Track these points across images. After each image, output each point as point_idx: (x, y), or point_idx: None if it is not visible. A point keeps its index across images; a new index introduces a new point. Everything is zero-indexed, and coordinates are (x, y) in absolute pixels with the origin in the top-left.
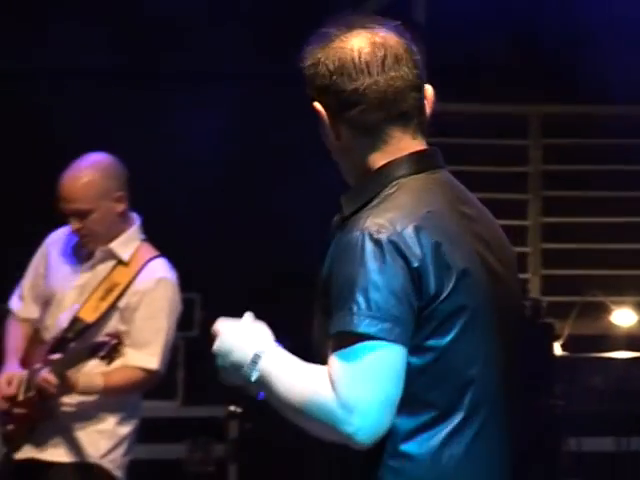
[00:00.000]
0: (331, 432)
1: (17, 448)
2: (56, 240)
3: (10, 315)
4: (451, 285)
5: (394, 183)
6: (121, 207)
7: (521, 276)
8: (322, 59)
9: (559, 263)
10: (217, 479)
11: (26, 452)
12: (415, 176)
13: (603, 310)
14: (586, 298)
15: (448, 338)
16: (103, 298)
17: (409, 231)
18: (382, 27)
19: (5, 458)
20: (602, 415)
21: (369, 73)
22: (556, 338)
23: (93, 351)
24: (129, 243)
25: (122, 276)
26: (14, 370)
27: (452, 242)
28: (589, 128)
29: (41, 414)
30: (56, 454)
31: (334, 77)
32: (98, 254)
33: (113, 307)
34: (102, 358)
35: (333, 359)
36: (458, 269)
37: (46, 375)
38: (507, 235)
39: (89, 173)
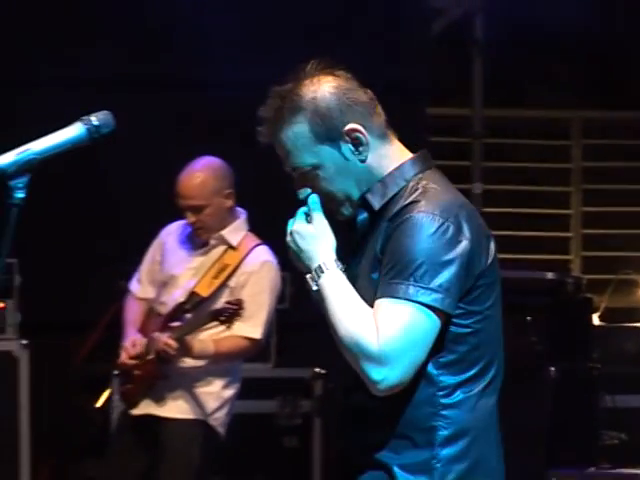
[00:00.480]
0: (358, 368)
1: (135, 405)
2: (170, 232)
3: (129, 295)
4: (490, 259)
5: (415, 178)
6: (230, 203)
7: (564, 257)
8: (315, 91)
9: (597, 246)
10: (304, 431)
11: (143, 408)
12: (427, 172)
13: (635, 286)
14: (620, 276)
15: (487, 304)
16: (216, 277)
17: (462, 215)
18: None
19: (123, 413)
20: (634, 376)
21: (358, 91)
22: (594, 311)
23: (215, 315)
24: (238, 232)
25: (232, 259)
26: (136, 335)
27: (482, 224)
28: (622, 130)
29: (158, 375)
30: (170, 411)
31: (334, 100)
32: (212, 241)
33: (224, 285)
34: (222, 322)
35: (385, 311)
36: (490, 246)
37: (167, 340)
38: (552, 223)
39: (203, 174)
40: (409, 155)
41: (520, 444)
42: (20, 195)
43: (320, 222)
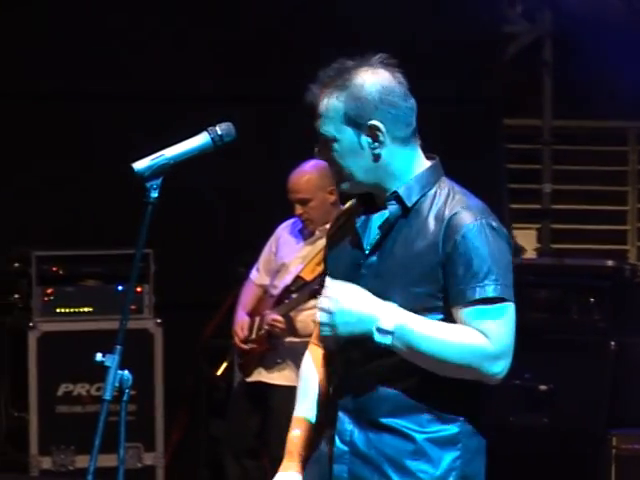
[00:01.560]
0: (473, 372)
1: (249, 374)
2: (285, 227)
3: (248, 281)
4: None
5: (440, 181)
6: (333, 198)
7: (622, 247)
8: (361, 83)
9: None
10: None
11: (255, 376)
12: (444, 178)
13: None
14: None
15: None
16: (319, 263)
17: (497, 219)
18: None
19: (240, 381)
20: None
21: (403, 99)
22: None
23: (313, 294)
24: None
25: None
26: (243, 318)
27: None
28: None
29: (268, 348)
30: (277, 378)
31: (379, 97)
32: (317, 233)
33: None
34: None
35: (481, 319)
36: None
37: (275, 316)
38: (611, 218)
39: (309, 172)
40: (427, 163)
41: (584, 408)
42: (154, 195)
43: (342, 292)
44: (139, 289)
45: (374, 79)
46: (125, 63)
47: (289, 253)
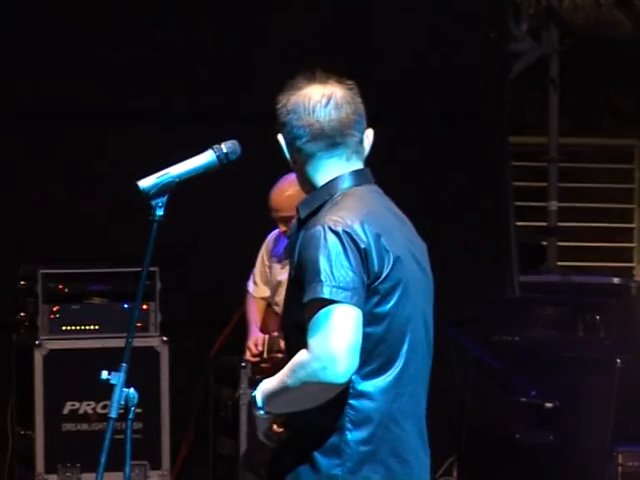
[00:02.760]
0: (321, 390)
1: None
2: (274, 237)
3: (248, 295)
4: (390, 266)
5: (339, 193)
6: None
7: (628, 265)
8: (285, 102)
9: None
10: None
11: None
12: (355, 187)
13: None
14: None
15: (389, 305)
16: None
17: (357, 224)
18: (335, 83)
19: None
20: None
21: (313, 114)
22: None
23: None
24: None
25: None
26: (257, 335)
27: (388, 234)
28: None
29: (281, 365)
30: None
31: (289, 115)
32: None
33: None
34: None
35: (310, 323)
36: (394, 254)
37: None
38: (616, 235)
39: (288, 188)
40: (341, 173)
41: (590, 425)
42: (160, 212)
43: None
44: (145, 307)
45: (288, 99)
46: (126, 82)
47: (281, 271)
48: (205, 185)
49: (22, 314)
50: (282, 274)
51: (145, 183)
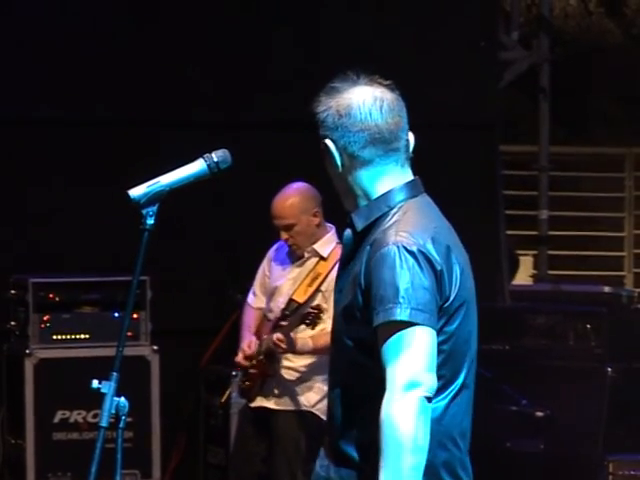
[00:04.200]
0: (423, 418)
1: (252, 399)
2: (276, 249)
3: (246, 305)
4: (458, 284)
5: (399, 205)
6: (317, 220)
7: (619, 274)
8: (332, 105)
9: None
10: None
11: (258, 402)
12: (412, 199)
13: None
14: None
15: (455, 325)
16: (310, 284)
17: (429, 243)
18: (380, 84)
19: (244, 407)
20: None
21: (370, 117)
22: None
23: (302, 319)
24: (328, 244)
25: (323, 268)
26: (251, 338)
27: (453, 248)
28: None
29: (268, 373)
30: (279, 403)
31: (342, 119)
32: (306, 254)
33: (317, 290)
34: (307, 324)
35: (387, 344)
36: (460, 270)
37: (278, 335)
38: (607, 244)
39: (292, 196)
40: (399, 184)
41: (581, 433)
42: (151, 221)
43: None
44: (136, 316)
45: (336, 102)
46: (122, 89)
47: (280, 277)
48: (196, 194)
49: (13, 323)
50: (280, 279)
51: (135, 192)
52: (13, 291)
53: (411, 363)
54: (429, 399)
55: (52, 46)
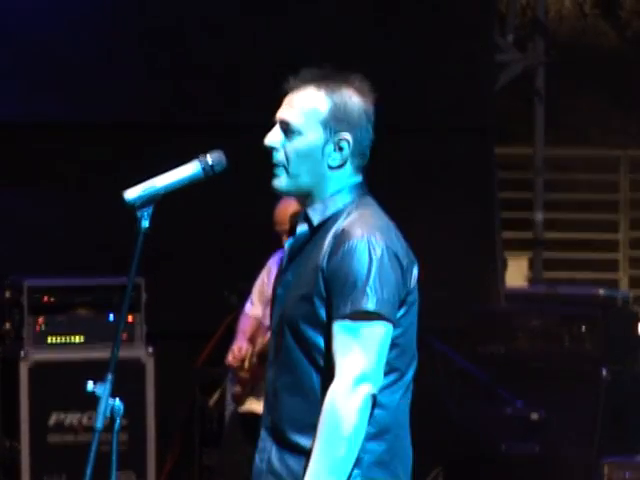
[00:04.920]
0: (365, 414)
1: (242, 403)
2: (274, 258)
3: (243, 313)
4: (414, 281)
5: (353, 203)
6: None
7: (614, 276)
8: (357, 101)
9: None
10: None
11: (248, 406)
12: (363, 198)
13: None
14: None
15: (409, 319)
16: None
17: (395, 238)
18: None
19: (234, 411)
20: None
21: (370, 125)
22: (639, 321)
23: None
24: None
25: None
26: (243, 343)
27: (407, 246)
28: None
29: (259, 377)
30: None
31: (361, 119)
32: None
33: None
34: None
35: (345, 335)
36: (413, 266)
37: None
38: (602, 246)
39: (294, 202)
40: (349, 183)
41: (576, 436)
42: (146, 224)
43: None
44: (130, 318)
45: (359, 100)
46: (115, 92)
47: None
48: (192, 196)
49: (7, 325)
50: None
51: (130, 194)
52: (8, 293)
53: (365, 358)
54: (374, 396)
55: (39, 48)
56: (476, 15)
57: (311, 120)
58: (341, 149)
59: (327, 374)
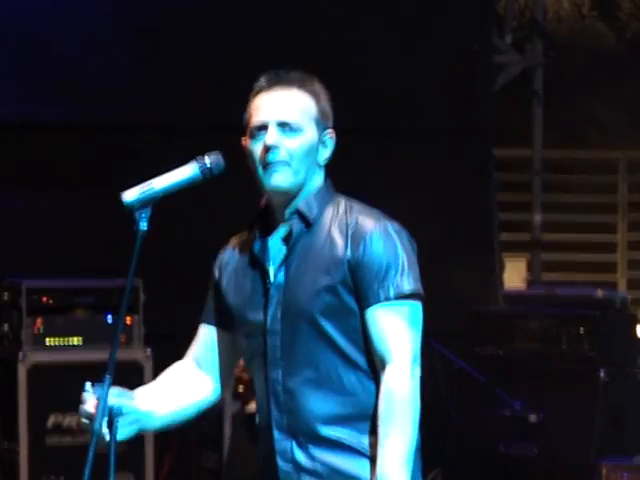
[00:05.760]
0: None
1: (247, 403)
2: None
3: None
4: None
5: (334, 197)
6: None
7: (612, 278)
8: (315, 97)
9: None
10: None
11: (253, 405)
12: (338, 194)
13: None
14: None
15: None
16: None
17: (395, 223)
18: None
19: (239, 411)
20: None
21: (332, 118)
22: (637, 322)
23: None
24: None
25: None
26: None
27: None
28: None
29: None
30: None
31: (323, 112)
32: None
33: None
34: None
35: (391, 315)
36: None
37: None
38: (600, 248)
39: None
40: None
41: (574, 437)
42: (144, 225)
43: None
44: (129, 320)
45: (328, 97)
46: (116, 93)
47: None
48: (191, 197)
49: (5, 327)
50: None
51: (128, 196)
52: (6, 295)
53: (415, 338)
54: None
55: (38, 48)
56: (474, 16)
57: (306, 118)
58: (326, 146)
59: (352, 364)
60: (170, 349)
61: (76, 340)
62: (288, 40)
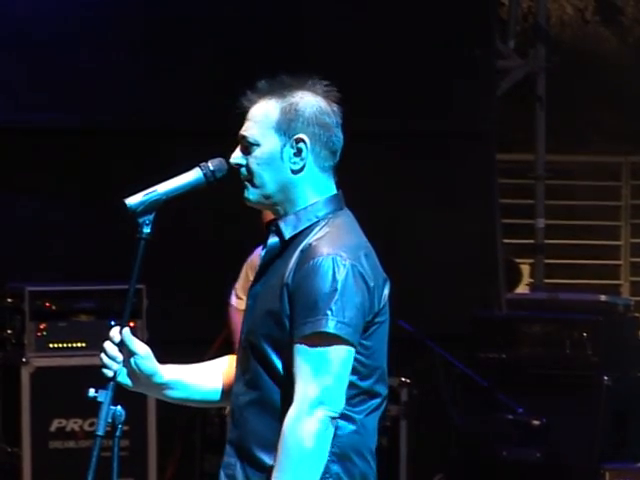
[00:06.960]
0: (325, 438)
1: None
2: (258, 255)
3: (231, 308)
4: (385, 300)
5: (327, 217)
6: None
7: (615, 282)
8: (315, 102)
9: None
10: (391, 432)
11: None
12: (339, 212)
13: None
14: None
15: (378, 339)
16: None
17: (363, 258)
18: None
19: None
20: None
21: (338, 128)
22: None
23: None
24: None
25: None
26: None
27: (378, 265)
28: None
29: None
30: None
31: (324, 117)
32: None
33: None
34: None
35: (303, 359)
36: (384, 285)
37: None
38: (604, 252)
39: None
40: (326, 195)
41: (577, 442)
42: (147, 230)
43: None
44: (132, 324)
45: (313, 99)
46: (118, 98)
47: None
48: (194, 203)
49: (9, 331)
50: None
51: (132, 201)
52: (9, 299)
53: (321, 382)
54: (334, 419)
55: (46, 52)
56: (477, 21)
57: (263, 128)
58: (300, 150)
59: (288, 393)
60: (173, 354)
61: (79, 344)
62: (288, 41)
